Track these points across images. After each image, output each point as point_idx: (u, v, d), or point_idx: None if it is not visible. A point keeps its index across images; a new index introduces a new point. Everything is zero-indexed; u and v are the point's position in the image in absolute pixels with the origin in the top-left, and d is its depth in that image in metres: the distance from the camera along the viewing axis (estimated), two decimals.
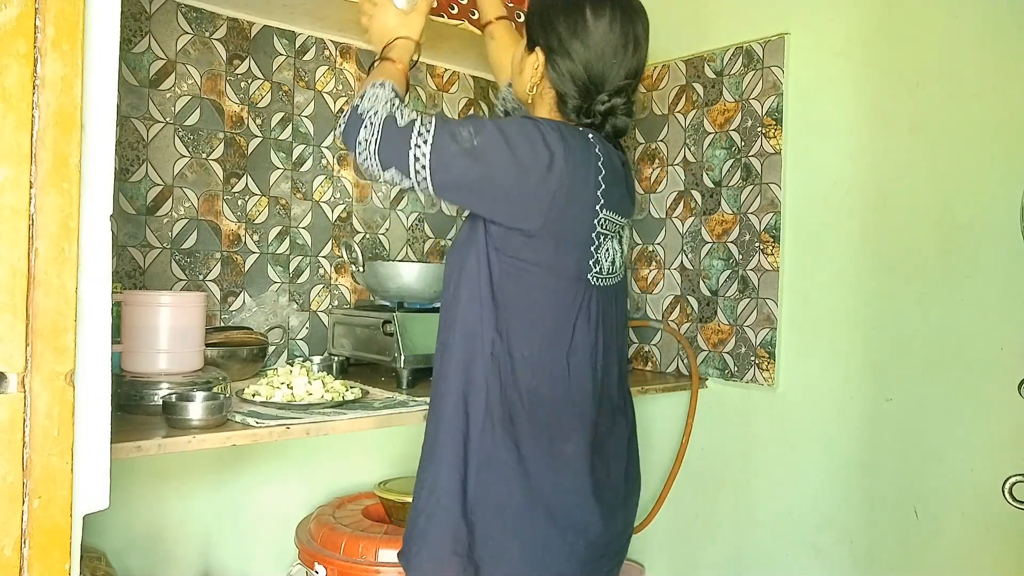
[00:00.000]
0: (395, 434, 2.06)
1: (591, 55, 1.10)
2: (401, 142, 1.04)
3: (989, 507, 1.45)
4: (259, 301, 1.88)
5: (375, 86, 1.09)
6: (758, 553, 1.85)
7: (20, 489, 0.71)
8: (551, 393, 1.11)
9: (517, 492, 1.08)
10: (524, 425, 1.10)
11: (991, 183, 1.47)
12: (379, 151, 1.05)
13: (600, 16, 1.10)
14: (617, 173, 1.15)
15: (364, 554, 1.55)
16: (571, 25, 1.10)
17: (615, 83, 1.12)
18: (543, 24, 1.14)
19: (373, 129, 1.05)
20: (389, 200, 2.12)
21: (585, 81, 1.11)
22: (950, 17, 1.54)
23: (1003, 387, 1.41)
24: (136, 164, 1.69)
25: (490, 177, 1.04)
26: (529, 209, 1.05)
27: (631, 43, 1.12)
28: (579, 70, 1.11)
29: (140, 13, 1.68)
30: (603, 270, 1.15)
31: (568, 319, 1.11)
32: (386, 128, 1.05)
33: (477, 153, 1.03)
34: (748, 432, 1.87)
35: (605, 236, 1.14)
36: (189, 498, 1.72)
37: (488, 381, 1.10)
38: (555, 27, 1.12)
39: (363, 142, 1.06)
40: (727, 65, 1.93)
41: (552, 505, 1.09)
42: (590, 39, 1.10)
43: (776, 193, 1.82)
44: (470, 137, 1.03)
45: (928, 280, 1.57)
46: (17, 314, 0.70)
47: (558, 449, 1.11)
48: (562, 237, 1.08)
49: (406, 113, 1.07)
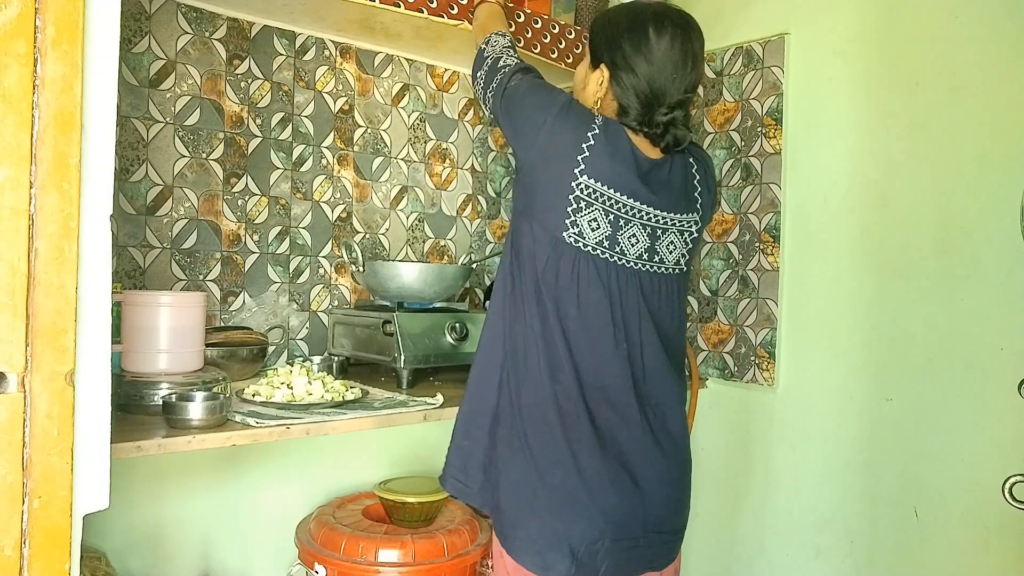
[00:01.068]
0: (395, 434, 2.06)
1: (653, 70, 1.18)
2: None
3: (989, 507, 1.45)
4: (259, 301, 1.88)
5: (498, 33, 1.40)
6: (758, 553, 1.85)
7: (20, 489, 0.71)
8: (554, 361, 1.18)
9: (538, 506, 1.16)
10: (536, 440, 1.17)
11: (991, 183, 1.47)
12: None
13: (662, 35, 1.18)
14: (626, 155, 1.19)
15: (364, 554, 1.55)
16: (635, 43, 1.18)
17: (675, 97, 1.19)
18: (608, 42, 1.22)
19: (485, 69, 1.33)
20: (389, 200, 2.12)
21: (647, 95, 1.19)
22: (950, 17, 1.54)
23: (1003, 387, 1.41)
24: (136, 164, 1.69)
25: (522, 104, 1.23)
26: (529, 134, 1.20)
27: (689, 59, 1.20)
28: (642, 84, 1.18)
29: (140, 13, 1.68)
30: (625, 251, 1.19)
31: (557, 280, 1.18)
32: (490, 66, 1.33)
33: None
34: (748, 432, 1.87)
35: (631, 222, 1.19)
36: (189, 498, 1.72)
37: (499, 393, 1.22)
38: (620, 45, 1.20)
39: (478, 78, 1.34)
40: (727, 65, 1.93)
41: (571, 519, 1.14)
42: (652, 56, 1.18)
43: (776, 193, 1.82)
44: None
45: (928, 280, 1.57)
46: (17, 314, 0.70)
47: (570, 460, 1.15)
48: (537, 181, 1.20)
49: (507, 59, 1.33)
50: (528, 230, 1.19)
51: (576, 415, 1.14)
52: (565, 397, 1.15)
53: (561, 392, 1.15)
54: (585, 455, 1.13)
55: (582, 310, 1.16)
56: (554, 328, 1.16)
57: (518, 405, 1.17)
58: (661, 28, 1.18)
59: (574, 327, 1.16)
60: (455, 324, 1.73)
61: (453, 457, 1.27)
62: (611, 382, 1.17)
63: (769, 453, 1.83)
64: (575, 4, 2.15)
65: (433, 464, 2.14)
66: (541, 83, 1.25)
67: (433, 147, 2.21)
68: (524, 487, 1.14)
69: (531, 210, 1.19)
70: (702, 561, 1.96)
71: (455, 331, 1.72)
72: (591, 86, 1.25)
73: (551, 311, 1.16)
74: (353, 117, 2.04)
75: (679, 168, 1.25)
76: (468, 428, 1.25)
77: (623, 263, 1.18)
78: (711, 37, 1.97)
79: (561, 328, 1.16)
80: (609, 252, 1.17)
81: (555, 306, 1.16)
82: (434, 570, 1.57)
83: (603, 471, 1.14)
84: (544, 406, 1.15)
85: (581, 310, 1.16)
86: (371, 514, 1.76)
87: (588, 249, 1.16)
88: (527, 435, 1.15)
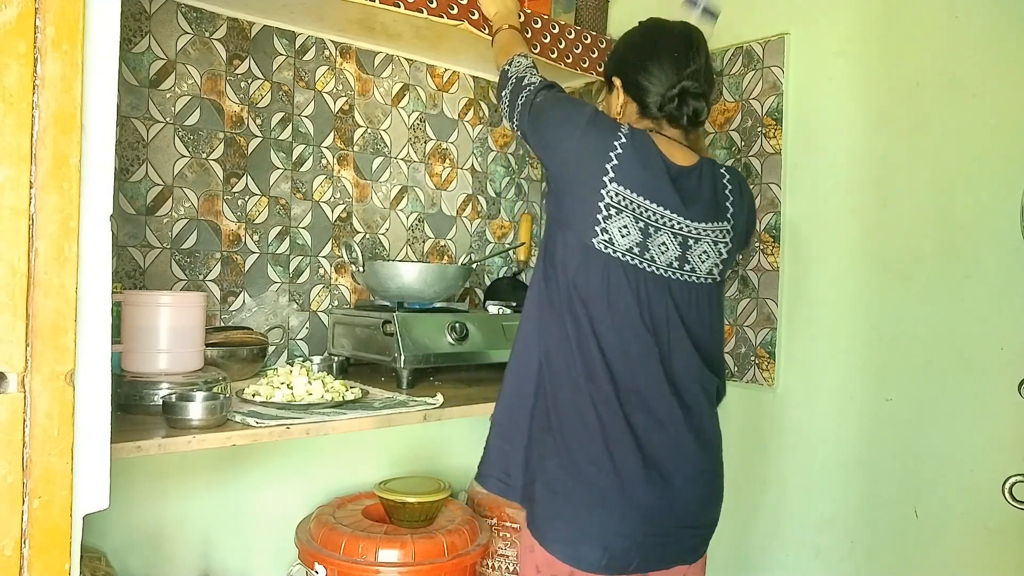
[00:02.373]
0: (395, 434, 2.06)
1: (652, 59, 1.28)
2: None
3: (989, 507, 1.45)
4: (259, 301, 1.88)
5: (520, 55, 1.44)
6: (758, 553, 1.85)
7: (20, 489, 0.71)
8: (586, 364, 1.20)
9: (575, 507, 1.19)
10: (574, 444, 1.19)
11: (991, 183, 1.47)
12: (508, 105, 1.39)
13: (653, 30, 1.32)
14: (655, 162, 1.22)
15: (364, 554, 1.55)
16: (632, 44, 1.33)
17: (680, 75, 1.27)
18: (612, 59, 1.37)
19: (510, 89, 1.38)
20: (389, 200, 2.12)
21: (655, 79, 1.28)
22: (950, 17, 1.54)
23: (1003, 387, 1.41)
24: (136, 164, 1.69)
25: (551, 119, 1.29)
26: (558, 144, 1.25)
27: (690, 42, 1.29)
28: (647, 73, 1.28)
29: (140, 13, 1.68)
30: (655, 259, 1.21)
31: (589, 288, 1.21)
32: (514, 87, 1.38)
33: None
34: (748, 432, 1.87)
35: (659, 230, 1.21)
36: (189, 498, 1.72)
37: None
38: (622, 54, 1.35)
39: (503, 98, 1.40)
40: (727, 65, 1.93)
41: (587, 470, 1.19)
42: (650, 47, 1.30)
43: (776, 193, 1.82)
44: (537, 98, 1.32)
45: (928, 280, 1.57)
46: (17, 314, 0.70)
47: (606, 465, 1.17)
48: (567, 190, 1.23)
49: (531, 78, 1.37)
50: (560, 238, 1.22)
51: (612, 417, 1.17)
52: (601, 400, 1.18)
53: (596, 394, 1.18)
54: (620, 455, 1.16)
55: (613, 315, 1.19)
56: (587, 333, 1.19)
57: (555, 407, 1.20)
58: (651, 26, 1.33)
59: (606, 332, 1.19)
60: (455, 324, 1.73)
61: (494, 458, 1.29)
62: (644, 385, 1.20)
63: (769, 453, 1.83)
64: (575, 4, 2.15)
65: (433, 464, 2.15)
66: (566, 97, 1.32)
67: (433, 147, 2.21)
68: (561, 484, 1.17)
69: (561, 217, 1.23)
70: None
71: (455, 331, 1.72)
72: (613, 104, 1.36)
73: (583, 316, 1.19)
74: (353, 117, 2.04)
75: (708, 175, 1.29)
76: (507, 431, 1.27)
77: (652, 270, 1.21)
78: (711, 37, 1.97)
79: (593, 333, 1.19)
80: (639, 259, 1.20)
81: (586, 311, 1.19)
82: (434, 570, 1.57)
83: (638, 470, 1.16)
84: (581, 408, 1.18)
85: (612, 315, 1.19)
86: (371, 514, 1.76)
87: (618, 256, 1.19)
88: (564, 435, 1.18)
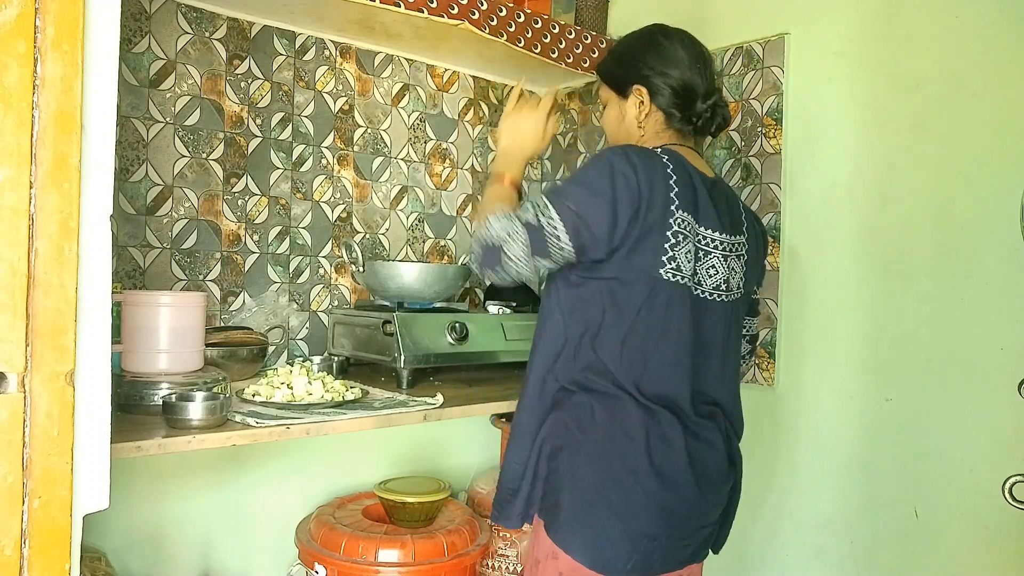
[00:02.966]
0: (395, 434, 2.06)
1: (680, 69, 1.28)
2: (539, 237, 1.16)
3: (989, 507, 1.45)
4: (259, 301, 1.87)
5: (500, 218, 1.19)
6: (758, 553, 1.85)
7: (20, 489, 0.71)
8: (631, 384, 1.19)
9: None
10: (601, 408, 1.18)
11: (991, 183, 1.47)
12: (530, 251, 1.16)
13: (672, 39, 1.30)
14: (694, 178, 1.23)
15: (364, 554, 1.55)
16: (656, 52, 1.29)
17: (705, 86, 1.29)
18: (629, 65, 1.31)
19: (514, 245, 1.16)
20: (389, 200, 2.12)
21: (684, 90, 1.28)
22: (950, 17, 1.54)
23: (1003, 387, 1.41)
24: (136, 164, 1.69)
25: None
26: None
27: (703, 53, 1.31)
28: (677, 82, 1.27)
29: (140, 13, 1.68)
30: (702, 282, 1.23)
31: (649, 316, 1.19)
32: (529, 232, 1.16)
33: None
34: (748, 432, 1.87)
35: (684, 241, 1.20)
36: (189, 498, 1.72)
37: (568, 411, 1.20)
38: (643, 61, 1.29)
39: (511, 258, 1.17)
40: (727, 65, 1.93)
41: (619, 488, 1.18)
42: (675, 56, 1.28)
43: (776, 193, 1.82)
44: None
45: (928, 280, 1.57)
46: (17, 314, 0.70)
47: (637, 485, 1.16)
48: (628, 237, 1.17)
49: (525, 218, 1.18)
50: (605, 286, 1.18)
51: (654, 428, 1.17)
52: (644, 411, 1.17)
53: (639, 406, 1.17)
54: (662, 465, 1.17)
55: (665, 339, 1.18)
56: (634, 354, 1.17)
57: (592, 417, 1.18)
58: (669, 34, 1.30)
59: (658, 355, 1.18)
60: (455, 324, 1.73)
61: (516, 491, 1.24)
62: (683, 397, 1.20)
63: (769, 453, 1.83)
64: (575, 4, 2.15)
65: (433, 464, 2.15)
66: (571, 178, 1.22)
67: (433, 147, 2.21)
68: (595, 492, 1.16)
69: (614, 265, 1.17)
70: None
71: (455, 331, 1.72)
72: (630, 112, 1.31)
73: (630, 340, 1.18)
74: (353, 117, 2.04)
75: (726, 187, 1.33)
76: (522, 452, 1.24)
77: (699, 293, 1.22)
78: (711, 37, 1.97)
79: (642, 355, 1.18)
80: (691, 283, 1.21)
81: (638, 338, 1.17)
82: (434, 570, 1.57)
83: (676, 479, 1.17)
84: (623, 419, 1.17)
85: (664, 339, 1.18)
86: (371, 514, 1.76)
87: (683, 282, 1.19)
88: (600, 444, 1.17)
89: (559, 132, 2.41)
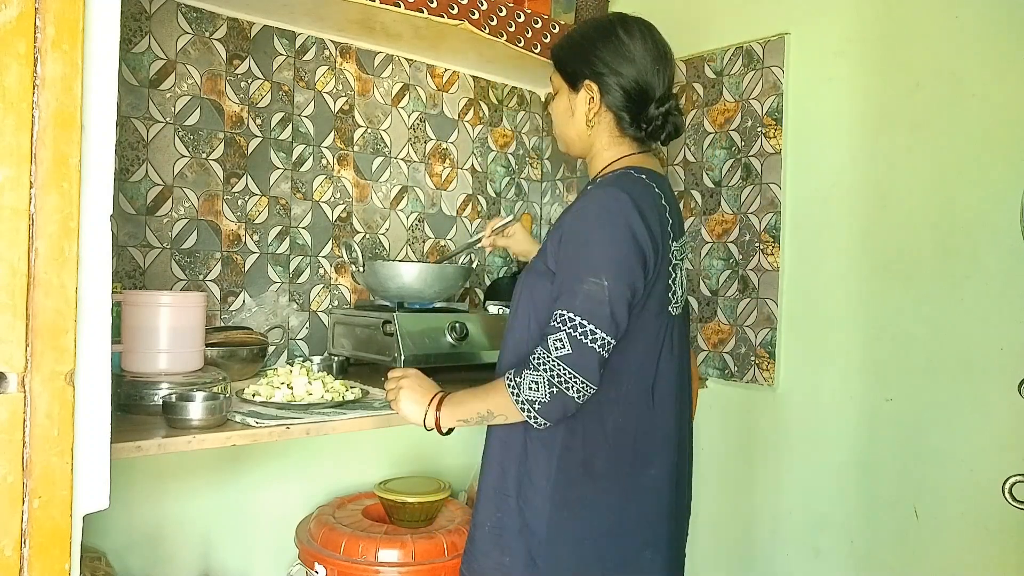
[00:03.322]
0: (395, 434, 2.06)
1: (636, 68, 1.19)
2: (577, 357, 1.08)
3: (989, 507, 1.45)
4: (259, 301, 1.87)
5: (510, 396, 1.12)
6: (758, 553, 1.85)
7: (20, 489, 0.71)
8: (636, 425, 1.16)
9: (596, 523, 1.15)
10: (602, 462, 1.15)
11: (991, 183, 1.47)
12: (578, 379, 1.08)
13: (632, 34, 1.20)
14: (673, 200, 1.23)
15: (364, 554, 1.55)
16: (612, 47, 1.19)
17: (661, 90, 1.21)
18: (583, 57, 1.21)
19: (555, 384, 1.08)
20: (389, 200, 2.12)
21: (638, 92, 1.19)
22: (950, 17, 1.54)
23: (1003, 387, 1.41)
24: (136, 164, 1.69)
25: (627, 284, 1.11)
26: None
27: (663, 53, 1.22)
28: (631, 83, 1.19)
29: (140, 13, 1.68)
30: (677, 298, 1.22)
31: (653, 353, 1.17)
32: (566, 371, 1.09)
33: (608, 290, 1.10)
34: (748, 432, 1.87)
35: (676, 266, 1.22)
36: (189, 498, 1.72)
37: (568, 425, 1.14)
38: (598, 54, 1.20)
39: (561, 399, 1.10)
40: (727, 65, 1.93)
41: (630, 530, 1.16)
42: (632, 53, 1.19)
43: (776, 193, 1.82)
44: (600, 289, 1.08)
45: (928, 280, 1.57)
46: (17, 314, 0.70)
47: (639, 476, 1.17)
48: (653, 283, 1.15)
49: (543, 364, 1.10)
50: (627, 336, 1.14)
51: (663, 464, 1.19)
52: (653, 451, 1.19)
53: (650, 447, 1.18)
54: (673, 509, 1.21)
55: (662, 368, 1.18)
56: (637, 394, 1.16)
57: (593, 472, 1.16)
58: (629, 28, 1.20)
59: (660, 388, 1.18)
60: (455, 324, 1.72)
61: (491, 544, 1.20)
62: (669, 425, 1.21)
63: (769, 453, 1.83)
64: (575, 4, 2.15)
65: (433, 464, 2.15)
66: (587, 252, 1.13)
67: (433, 147, 2.21)
68: (609, 551, 1.16)
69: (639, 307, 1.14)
70: (702, 561, 1.96)
71: (455, 331, 1.72)
72: (579, 108, 1.23)
73: (637, 378, 1.16)
74: (353, 117, 2.04)
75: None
76: (505, 495, 1.18)
77: (671, 310, 1.20)
78: (711, 37, 1.98)
79: (650, 393, 1.17)
80: (674, 307, 1.21)
81: (638, 369, 1.16)
82: (434, 570, 1.57)
83: (678, 511, 1.24)
84: (633, 466, 1.17)
85: (661, 368, 1.18)
86: (371, 514, 1.76)
87: (672, 309, 1.19)
88: (611, 502, 1.16)
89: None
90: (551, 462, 1.13)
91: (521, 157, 2.43)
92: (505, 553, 1.16)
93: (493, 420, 1.15)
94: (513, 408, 1.10)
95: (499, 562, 1.17)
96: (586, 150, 1.28)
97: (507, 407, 1.11)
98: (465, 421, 1.18)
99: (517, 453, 1.16)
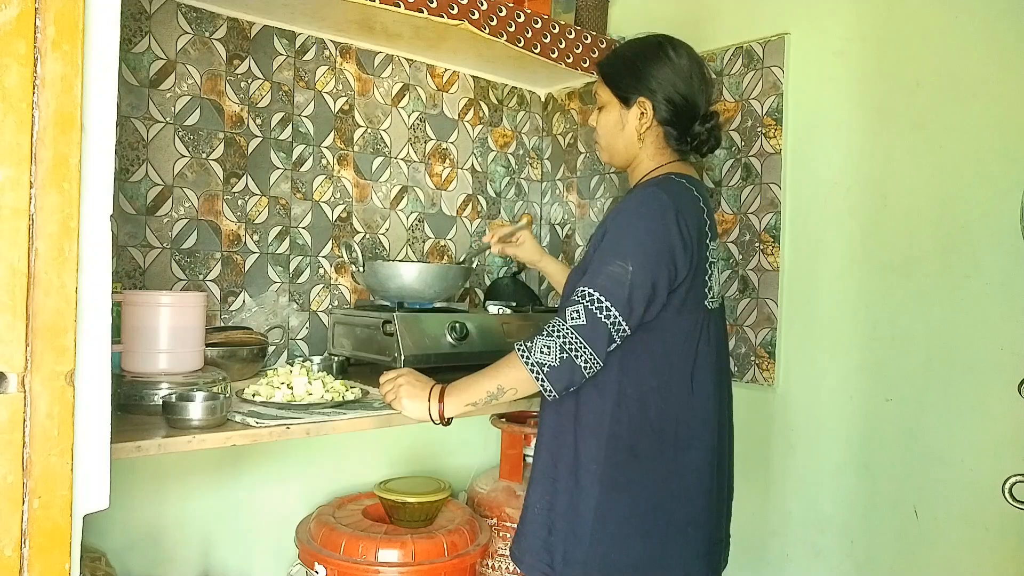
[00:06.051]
0: (395, 434, 2.06)
1: (685, 86, 1.28)
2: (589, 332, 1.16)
3: (989, 507, 1.45)
4: (259, 301, 1.88)
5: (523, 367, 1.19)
6: (758, 553, 1.85)
7: (20, 489, 0.71)
8: (677, 412, 1.23)
9: (642, 501, 1.22)
10: (646, 446, 1.22)
11: (991, 183, 1.47)
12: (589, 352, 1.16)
13: (680, 53, 1.30)
14: (709, 204, 1.31)
15: (364, 554, 1.55)
16: (662, 66, 1.28)
17: (704, 107, 1.31)
18: (636, 75, 1.30)
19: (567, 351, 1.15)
20: (389, 200, 2.12)
21: (687, 108, 1.29)
22: (950, 17, 1.54)
23: (1003, 387, 1.41)
24: (136, 164, 1.69)
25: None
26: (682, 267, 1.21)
27: (706, 71, 1.32)
28: (680, 99, 1.28)
29: (140, 13, 1.68)
30: (714, 294, 1.29)
31: (692, 345, 1.24)
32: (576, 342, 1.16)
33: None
34: (748, 432, 1.87)
35: (713, 264, 1.29)
36: (189, 498, 1.72)
37: (614, 415, 1.22)
38: (650, 73, 1.29)
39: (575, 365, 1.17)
40: (727, 65, 1.93)
41: (672, 508, 1.23)
42: (681, 73, 1.28)
43: (776, 193, 1.82)
44: (623, 271, 1.16)
45: (928, 280, 1.57)
46: (17, 314, 0.70)
47: (680, 457, 1.23)
48: (691, 278, 1.23)
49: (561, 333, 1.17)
50: (660, 325, 1.21)
51: (709, 472, 1.26)
52: (698, 458, 1.25)
53: (693, 454, 1.25)
54: (715, 510, 1.28)
55: (700, 359, 1.24)
56: (677, 382, 1.23)
57: (642, 481, 1.23)
58: (677, 47, 1.30)
59: (698, 377, 1.24)
60: (455, 324, 1.72)
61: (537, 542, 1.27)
62: (710, 423, 1.27)
63: (769, 453, 1.83)
64: (575, 4, 2.15)
65: (433, 464, 2.15)
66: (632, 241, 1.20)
67: (433, 147, 2.21)
68: (650, 559, 1.22)
69: (673, 306, 1.22)
70: None
71: (455, 331, 1.72)
72: (631, 124, 1.31)
73: (677, 367, 1.23)
74: (353, 117, 2.04)
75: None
76: (554, 479, 1.27)
77: (708, 305, 1.27)
78: (711, 37, 1.98)
79: (689, 380, 1.24)
80: (710, 301, 1.27)
81: (678, 359, 1.23)
82: (434, 570, 1.57)
83: (721, 515, 1.32)
84: (679, 475, 1.24)
85: (699, 358, 1.24)
86: (371, 514, 1.76)
87: (708, 303, 1.27)
88: (657, 510, 1.23)
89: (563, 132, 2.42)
90: (600, 448, 1.21)
91: (521, 157, 2.43)
92: (552, 533, 1.24)
93: (503, 397, 1.21)
94: (523, 376, 1.16)
95: (545, 540, 1.25)
96: (630, 160, 1.36)
97: (518, 377, 1.17)
98: (474, 404, 1.24)
99: (568, 441, 1.24)
